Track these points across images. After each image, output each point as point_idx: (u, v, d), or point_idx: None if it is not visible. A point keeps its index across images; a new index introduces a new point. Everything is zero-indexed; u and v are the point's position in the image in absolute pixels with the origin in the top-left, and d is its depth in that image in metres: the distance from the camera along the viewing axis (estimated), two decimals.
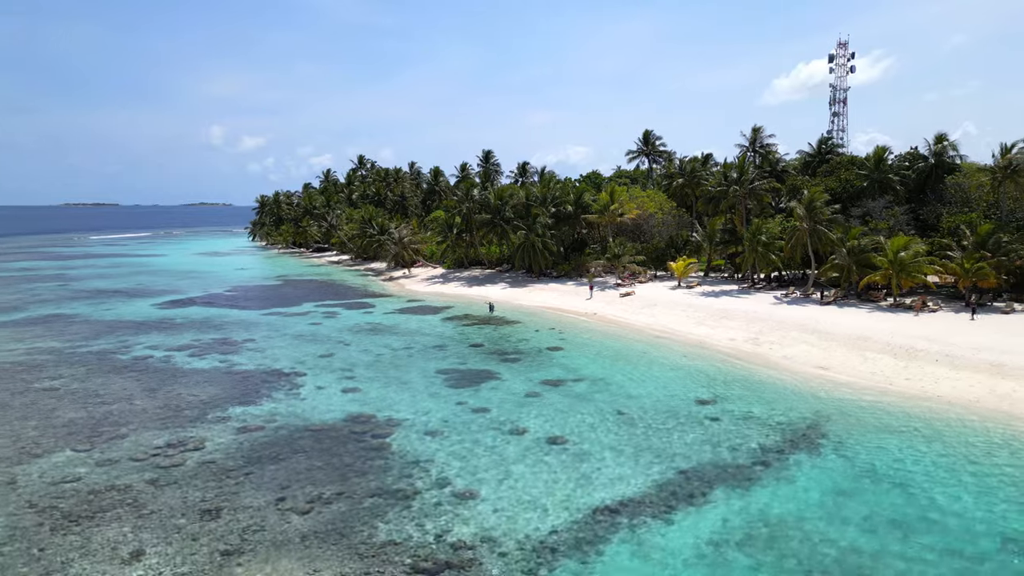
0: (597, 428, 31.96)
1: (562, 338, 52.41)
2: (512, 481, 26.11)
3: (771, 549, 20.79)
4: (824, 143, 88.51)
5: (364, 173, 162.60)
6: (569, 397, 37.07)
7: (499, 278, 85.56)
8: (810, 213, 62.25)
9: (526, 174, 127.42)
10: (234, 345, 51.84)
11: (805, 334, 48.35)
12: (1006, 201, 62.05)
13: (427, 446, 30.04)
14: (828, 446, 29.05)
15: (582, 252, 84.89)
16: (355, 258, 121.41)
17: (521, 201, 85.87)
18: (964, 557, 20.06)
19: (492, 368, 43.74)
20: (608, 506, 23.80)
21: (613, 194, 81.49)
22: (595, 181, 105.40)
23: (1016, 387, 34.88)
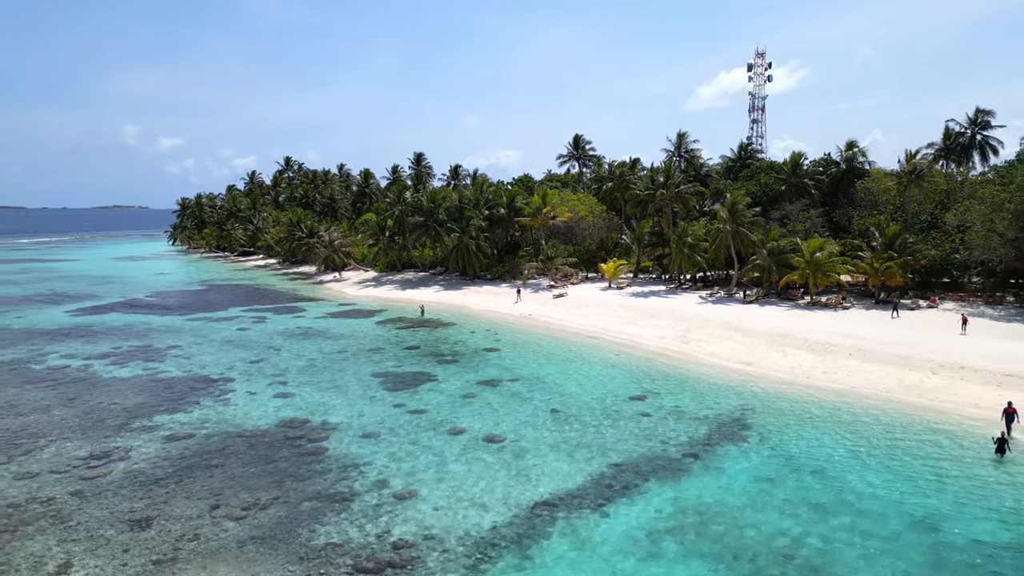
0: (534, 426, 32.52)
1: (498, 339, 52.88)
2: (451, 480, 26.33)
3: (701, 536, 21.76)
4: (744, 149, 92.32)
5: (291, 175, 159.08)
6: (506, 396, 37.53)
7: (433, 281, 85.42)
8: (732, 216, 64.85)
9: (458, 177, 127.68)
10: (158, 352, 50.01)
11: (729, 332, 50.38)
12: (911, 204, 66.28)
13: (365, 448, 29.89)
14: (753, 437, 30.47)
15: (516, 254, 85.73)
16: (283, 262, 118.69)
17: (454, 204, 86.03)
18: (877, 537, 21.49)
19: (428, 370, 43.76)
20: (546, 501, 24.32)
21: (545, 197, 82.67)
22: (527, 184, 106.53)
23: (922, 378, 37.43)
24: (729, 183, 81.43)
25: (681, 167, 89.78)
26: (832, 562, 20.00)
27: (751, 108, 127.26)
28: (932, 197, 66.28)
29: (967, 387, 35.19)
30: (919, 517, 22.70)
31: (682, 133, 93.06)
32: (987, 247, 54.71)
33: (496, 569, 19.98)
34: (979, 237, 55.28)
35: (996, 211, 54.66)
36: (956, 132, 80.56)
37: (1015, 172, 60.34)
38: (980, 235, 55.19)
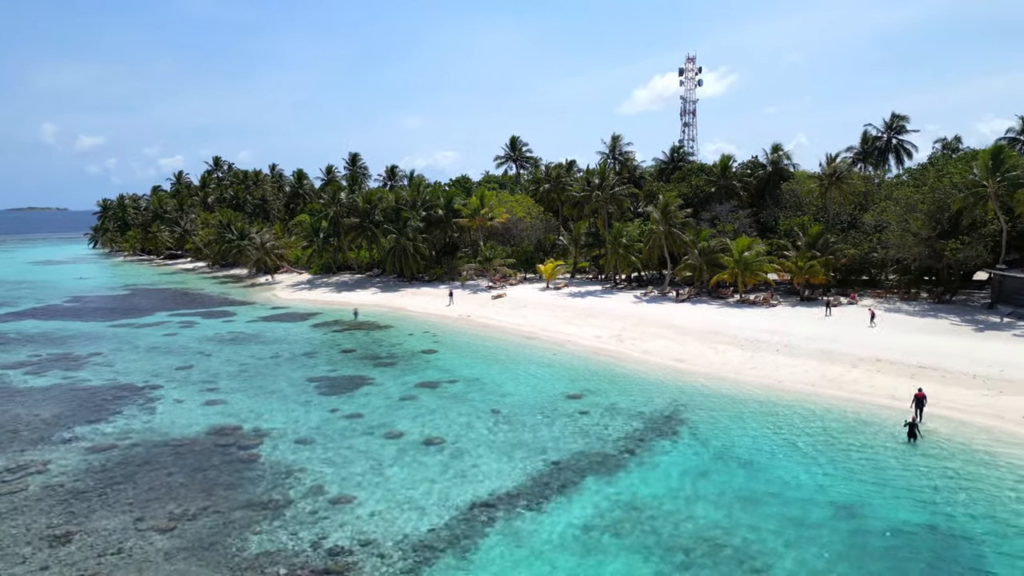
0: (472, 427, 32.51)
1: (436, 341, 52.61)
2: (389, 484, 26.07)
3: (637, 530, 22.21)
4: (676, 151, 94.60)
5: (221, 175, 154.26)
6: (444, 398, 37.39)
7: (370, 283, 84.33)
8: (665, 217, 66.38)
9: (395, 178, 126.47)
10: (78, 360, 47.71)
11: (663, 330, 51.56)
12: (832, 205, 69.28)
13: (299, 455, 29.28)
14: (686, 432, 31.28)
15: (454, 255, 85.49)
16: (212, 265, 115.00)
17: (391, 205, 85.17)
18: (801, 525, 22.39)
19: (365, 373, 43.19)
20: (485, 501, 24.37)
21: (483, 198, 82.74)
22: (465, 185, 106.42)
23: (843, 371, 39.18)
24: (662, 185, 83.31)
25: (616, 169, 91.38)
26: (759, 551, 20.73)
27: (683, 112, 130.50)
28: (851, 198, 69.40)
29: (884, 379, 37.02)
30: (840, 504, 23.76)
31: (616, 136, 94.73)
32: (902, 246, 57.67)
33: (434, 571, 19.91)
34: (895, 236, 58.21)
35: (910, 212, 57.67)
36: (873, 136, 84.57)
37: (927, 175, 63.78)
38: (896, 235, 58.12)
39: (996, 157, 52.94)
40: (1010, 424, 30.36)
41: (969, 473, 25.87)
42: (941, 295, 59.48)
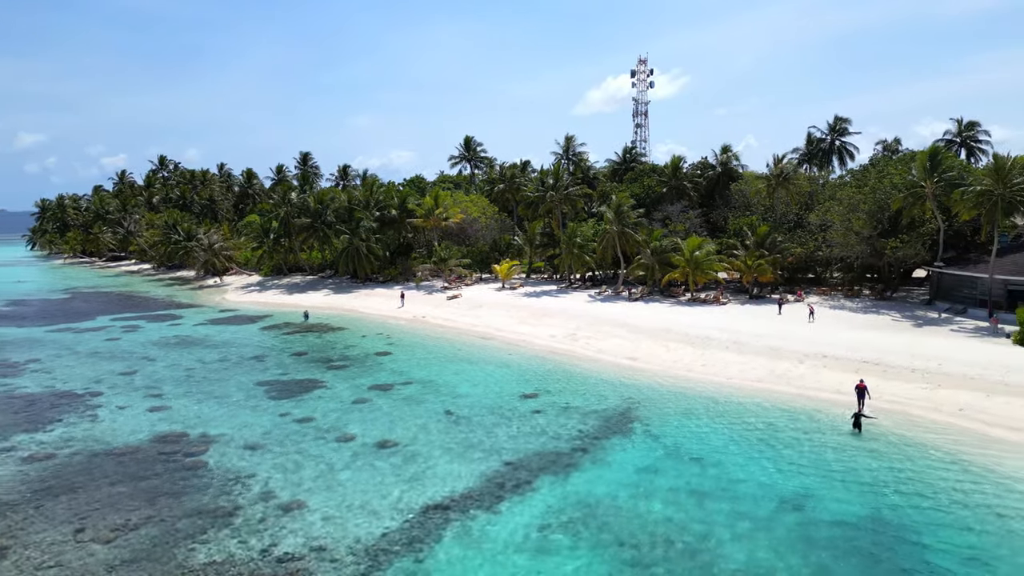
0: (427, 429, 32.27)
1: (390, 343, 52.09)
2: (341, 488, 25.67)
3: (590, 527, 22.34)
4: (629, 152, 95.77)
5: (167, 175, 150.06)
6: (398, 401, 37.03)
7: (322, 284, 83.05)
8: (618, 217, 67.08)
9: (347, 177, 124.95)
10: (14, 367, 45.76)
11: (617, 329, 52.09)
12: (779, 205, 71.03)
13: (248, 461, 28.61)
14: (639, 429, 31.62)
15: (408, 256, 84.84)
16: (158, 267, 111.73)
17: (343, 205, 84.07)
18: (750, 518, 22.84)
19: (317, 376, 42.49)
20: (439, 503, 24.19)
21: (437, 198, 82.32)
22: (419, 185, 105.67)
23: (790, 367, 40.17)
24: (615, 185, 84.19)
25: (569, 169, 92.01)
26: (710, 545, 21.06)
27: (635, 113, 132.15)
28: (797, 198, 71.25)
29: (830, 374, 38.07)
30: (788, 497, 24.33)
31: (569, 136, 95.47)
32: (845, 244, 59.46)
33: (387, 575, 19.65)
34: (838, 235, 59.97)
35: (852, 211, 59.49)
36: (818, 138, 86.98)
37: (868, 175, 65.88)
38: (839, 234, 59.88)
39: (933, 158, 54.98)
40: (947, 416, 31.55)
41: (909, 464, 26.77)
42: (882, 292, 61.55)
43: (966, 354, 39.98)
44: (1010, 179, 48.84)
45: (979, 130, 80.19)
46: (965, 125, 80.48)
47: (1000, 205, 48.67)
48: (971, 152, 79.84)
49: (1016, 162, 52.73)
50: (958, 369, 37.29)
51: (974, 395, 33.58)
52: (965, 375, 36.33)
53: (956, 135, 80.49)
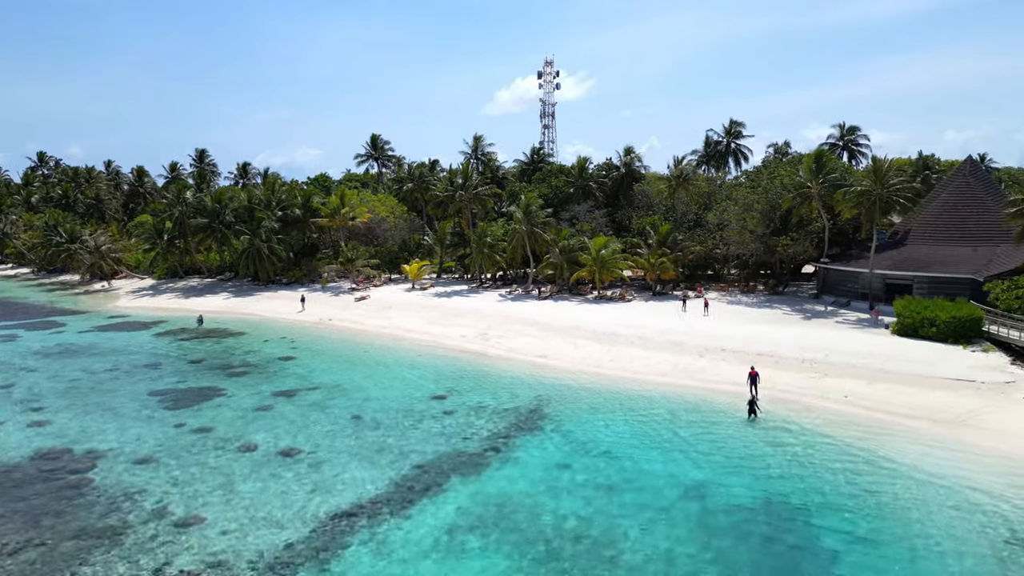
0: (334, 435, 31.42)
1: (294, 347, 50.45)
2: (241, 500, 24.58)
3: (501, 526, 22.35)
4: (537, 152, 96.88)
5: (47, 172, 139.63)
6: (303, 407, 35.88)
7: (221, 287, 79.47)
8: (527, 217, 67.67)
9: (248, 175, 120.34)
10: None
11: (527, 327, 52.53)
12: (679, 205, 73.68)
13: (139, 476, 26.95)
14: (549, 427, 31.96)
15: (314, 257, 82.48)
16: (38, 271, 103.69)
17: (243, 204, 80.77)
18: (653, 509, 23.52)
19: (216, 384, 40.59)
20: (346, 511, 23.58)
21: (344, 197, 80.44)
22: (324, 184, 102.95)
23: (692, 361, 41.70)
24: (524, 185, 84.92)
25: (479, 169, 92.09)
26: (617, 537, 21.53)
27: (542, 114, 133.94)
28: (696, 199, 74.09)
29: (728, 367, 39.77)
30: (689, 486, 25.21)
31: (478, 136, 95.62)
32: (741, 243, 62.36)
33: None
34: (734, 234, 62.82)
35: (747, 211, 62.45)
36: (715, 140, 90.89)
37: (761, 176, 69.31)
38: (735, 232, 62.74)
39: (818, 161, 58.45)
40: (834, 403, 33.60)
41: (800, 450, 28.30)
42: (775, 287, 64.97)
43: (850, 344, 42.72)
44: (887, 180, 52.57)
45: (859, 134, 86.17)
46: (847, 129, 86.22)
47: (878, 204, 52.29)
48: (852, 155, 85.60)
49: (892, 164, 56.89)
50: (843, 359, 39.78)
51: (857, 383, 35.93)
52: (849, 364, 38.81)
53: (839, 139, 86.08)
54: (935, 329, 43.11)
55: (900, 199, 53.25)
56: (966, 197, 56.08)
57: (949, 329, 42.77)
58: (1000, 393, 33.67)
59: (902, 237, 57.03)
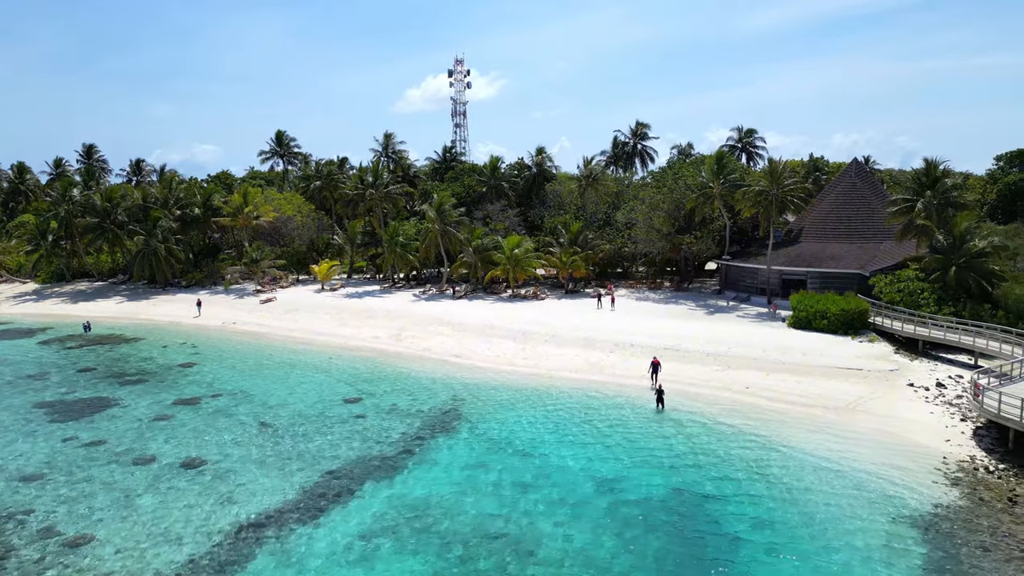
0: (239, 443, 30.16)
1: (196, 352, 48.09)
2: (139, 516, 23.19)
3: (416, 530, 22.07)
4: (449, 151, 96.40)
5: None
6: (206, 415, 34.26)
7: (114, 291, 74.79)
8: (440, 216, 67.26)
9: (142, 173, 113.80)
10: None
11: (442, 327, 52.19)
12: (590, 204, 75.15)
13: (23, 494, 24.98)
14: (464, 426, 31.85)
15: (215, 258, 78.96)
16: None
17: (138, 203, 76.31)
18: (568, 504, 23.84)
19: (109, 394, 38.18)
20: (253, 522, 22.67)
21: (247, 196, 77.34)
22: (226, 182, 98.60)
23: (602, 356, 42.58)
24: (436, 184, 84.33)
25: (390, 167, 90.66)
26: (533, 534, 21.69)
27: (454, 113, 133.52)
28: (606, 198, 75.79)
29: (636, 361, 40.86)
30: (602, 479, 25.72)
31: (389, 134, 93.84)
32: (648, 241, 64.27)
33: None
34: (642, 232, 64.68)
35: (654, 210, 64.42)
36: (622, 142, 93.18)
37: (666, 177, 71.62)
38: (642, 231, 64.60)
39: (719, 162, 60.99)
40: (736, 394, 35.12)
41: (705, 440, 29.41)
42: (680, 284, 67.35)
43: (751, 338, 44.79)
44: (782, 180, 55.44)
45: (756, 137, 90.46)
46: (745, 132, 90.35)
47: (775, 203, 55.08)
48: (750, 156, 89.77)
49: (786, 166, 60.10)
50: (744, 351, 41.66)
51: (758, 374, 37.71)
52: (750, 356, 40.68)
53: (738, 141, 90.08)
54: (826, 321, 45.84)
55: (794, 199, 56.28)
56: (853, 197, 59.90)
57: (839, 321, 45.57)
58: (885, 380, 36.16)
59: (796, 235, 60.31)
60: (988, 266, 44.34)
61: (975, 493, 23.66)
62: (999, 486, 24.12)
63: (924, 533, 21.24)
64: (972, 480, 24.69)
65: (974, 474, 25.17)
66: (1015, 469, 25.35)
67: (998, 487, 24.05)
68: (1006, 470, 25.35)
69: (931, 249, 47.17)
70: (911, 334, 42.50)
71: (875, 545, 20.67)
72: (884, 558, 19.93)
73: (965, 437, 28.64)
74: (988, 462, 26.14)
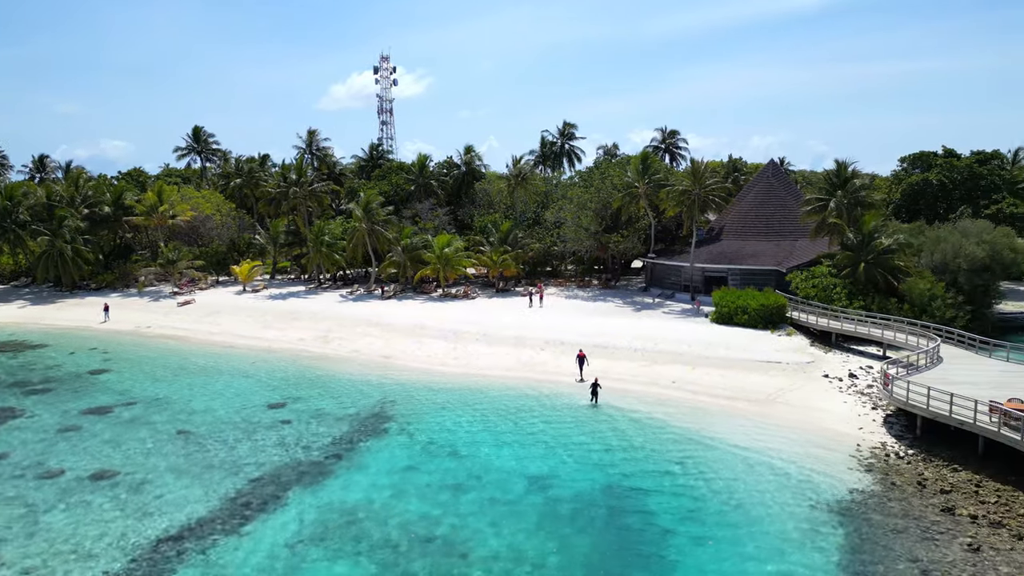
0: (156, 453, 28.74)
1: (108, 358, 45.57)
2: (47, 533, 21.76)
3: (346, 535, 21.54)
4: (375, 149, 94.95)
5: None
6: (119, 424, 32.49)
7: (15, 295, 70.07)
8: (367, 215, 66.08)
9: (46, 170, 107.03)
10: None
11: (370, 328, 51.27)
12: (519, 203, 75.45)
13: None
14: (394, 429, 31.34)
15: (128, 259, 75.13)
16: None
17: (41, 201, 71.67)
18: (501, 503, 23.80)
19: (11, 404, 35.73)
20: (173, 535, 21.62)
21: (162, 194, 73.90)
22: (139, 179, 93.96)
23: (534, 354, 42.78)
24: (363, 182, 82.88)
25: (314, 165, 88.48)
26: (466, 535, 21.53)
27: (380, 110, 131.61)
28: (535, 197, 76.26)
29: (568, 359, 41.19)
30: (535, 477, 25.79)
31: (313, 131, 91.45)
32: (576, 240, 65.03)
33: None
34: (570, 231, 65.39)
35: (582, 209, 65.24)
36: (550, 141, 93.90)
37: (593, 177, 72.65)
38: (571, 230, 65.32)
39: (644, 162, 62.33)
40: (663, 389, 35.92)
41: (634, 435, 29.93)
42: (608, 282, 68.48)
43: (676, 333, 45.94)
44: (704, 180, 57.14)
45: (679, 138, 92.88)
46: (668, 133, 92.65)
47: (697, 203, 56.72)
48: (673, 157, 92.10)
49: (708, 166, 61.96)
50: (670, 347, 42.68)
51: (683, 369, 38.70)
52: (676, 352, 41.70)
53: (661, 142, 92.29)
54: (747, 316, 47.52)
55: (715, 198, 58.10)
56: (770, 197, 62.35)
57: (759, 316, 47.32)
58: (802, 372, 37.75)
59: (717, 233, 62.30)
60: (894, 262, 46.95)
61: (887, 478, 24.95)
62: (909, 471, 25.52)
63: (841, 517, 22.23)
64: (884, 466, 26.03)
65: (886, 460, 26.55)
66: (923, 454, 26.90)
67: (908, 472, 25.44)
68: (915, 455, 26.86)
69: (842, 246, 49.56)
70: (825, 327, 44.58)
71: (796, 531, 21.49)
72: (804, 543, 20.74)
73: (876, 424, 30.20)
74: (898, 448, 27.64)
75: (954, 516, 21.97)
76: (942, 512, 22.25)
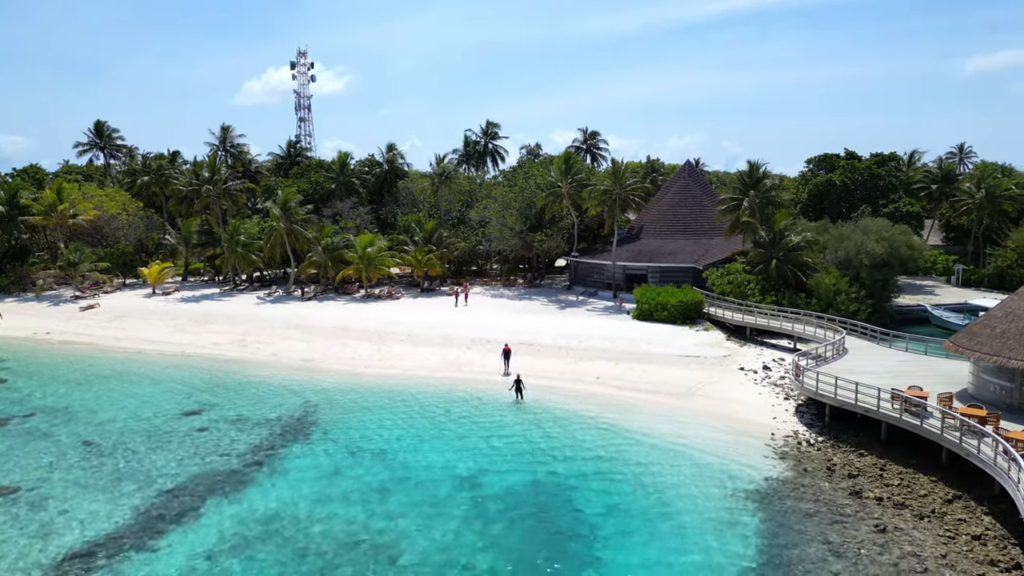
0: (59, 466, 27.01)
1: (3, 367, 42.49)
2: None
3: (268, 544, 20.83)
4: (293, 146, 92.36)
5: None
6: (16, 437, 30.34)
7: None
8: (286, 213, 64.13)
9: None
10: None
11: (290, 330, 49.81)
12: (443, 202, 75.02)
13: None
14: (317, 433, 30.55)
15: (24, 261, 70.24)
16: None
17: None
18: (429, 504, 23.57)
19: None
20: (80, 552, 20.35)
21: (61, 192, 69.41)
22: (36, 176, 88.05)
23: (460, 354, 42.60)
24: (281, 180, 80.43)
25: (228, 162, 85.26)
26: (395, 537, 21.21)
27: (297, 107, 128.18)
28: (459, 196, 76.05)
29: (494, 357, 41.23)
30: (462, 477, 25.69)
31: (226, 127, 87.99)
32: (501, 239, 65.24)
33: None
34: (495, 231, 65.54)
35: (506, 209, 65.49)
36: (473, 140, 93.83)
37: (517, 176, 73.07)
38: (496, 229, 65.48)
39: (567, 162, 63.13)
40: (588, 385, 36.47)
41: (560, 431, 30.25)
42: (533, 280, 69.01)
43: (600, 330, 46.74)
44: (624, 180, 58.38)
45: (600, 139, 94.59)
46: (589, 134, 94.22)
47: (618, 202, 57.90)
48: (594, 157, 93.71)
49: (628, 167, 63.33)
50: (594, 344, 43.38)
51: (607, 364, 39.41)
52: (600, 348, 42.43)
53: (583, 142, 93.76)
54: (667, 312, 48.86)
55: (635, 198, 59.48)
56: (687, 196, 64.35)
57: (678, 312, 48.74)
58: (720, 366, 39.12)
59: (638, 232, 63.81)
60: (803, 259, 49.32)
61: (799, 464, 26.15)
62: (819, 457, 26.84)
63: (758, 504, 23.14)
64: (797, 453, 27.28)
65: (798, 447, 27.83)
66: (832, 441, 28.34)
67: (818, 458, 26.75)
68: (824, 442, 28.27)
69: (755, 244, 51.68)
70: (740, 322, 46.38)
71: (717, 519, 22.23)
72: (724, 530, 21.48)
73: (789, 414, 31.63)
74: (809, 435, 29.03)
75: (861, 499, 23.24)
76: (850, 496, 23.49)
